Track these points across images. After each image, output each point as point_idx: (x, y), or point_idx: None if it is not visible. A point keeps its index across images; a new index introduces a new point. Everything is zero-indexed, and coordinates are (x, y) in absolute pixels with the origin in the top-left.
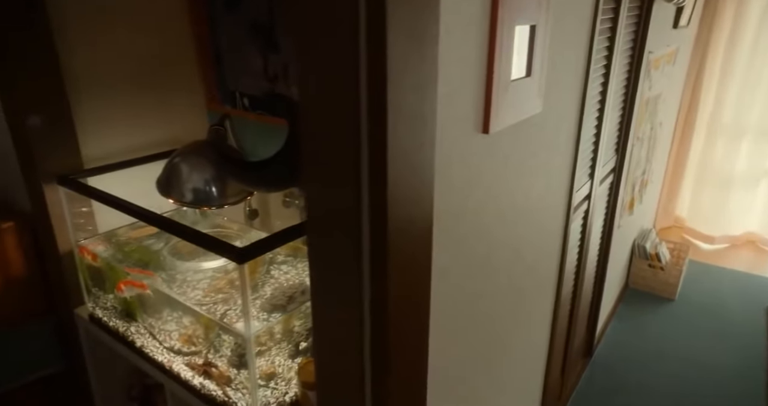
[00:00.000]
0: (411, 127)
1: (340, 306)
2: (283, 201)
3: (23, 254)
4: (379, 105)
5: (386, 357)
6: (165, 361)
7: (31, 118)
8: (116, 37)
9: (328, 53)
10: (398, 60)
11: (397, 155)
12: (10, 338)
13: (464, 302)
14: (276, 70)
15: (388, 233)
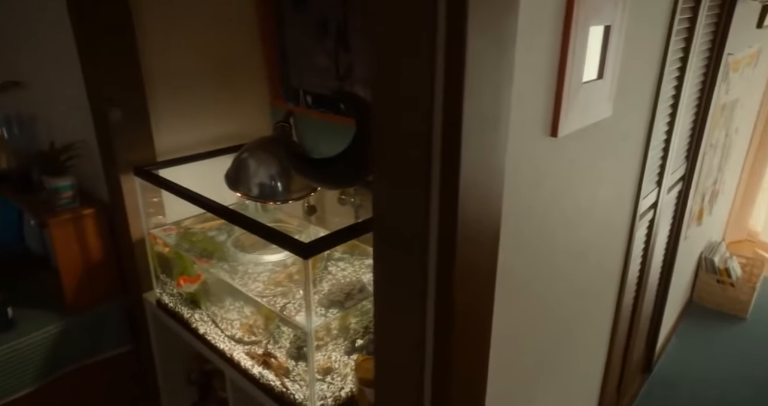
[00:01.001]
0: (485, 130)
1: (403, 306)
2: (339, 198)
3: (100, 240)
4: (455, 107)
5: (448, 359)
6: (226, 349)
7: (113, 113)
8: (190, 37)
9: (405, 53)
10: (476, 62)
11: (470, 158)
12: (87, 317)
13: (524, 306)
14: (346, 68)
15: (457, 235)
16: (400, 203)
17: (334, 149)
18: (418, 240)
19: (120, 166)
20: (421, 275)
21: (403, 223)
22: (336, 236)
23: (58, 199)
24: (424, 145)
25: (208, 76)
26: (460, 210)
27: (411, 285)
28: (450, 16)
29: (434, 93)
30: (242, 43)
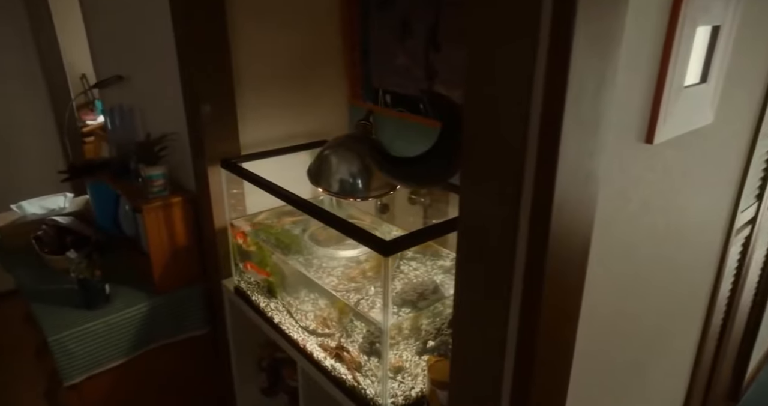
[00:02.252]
0: (583, 135)
1: (485, 312)
2: (409, 198)
3: (186, 227)
4: (554, 109)
5: (530, 369)
6: (299, 339)
7: (204, 108)
8: (276, 35)
9: (502, 51)
10: (580, 61)
11: (567, 165)
12: (171, 298)
13: (604, 321)
14: (434, 69)
15: (548, 246)
16: (488, 208)
17: (410, 149)
18: (505, 248)
19: (208, 158)
20: (506, 282)
21: (489, 229)
22: (416, 236)
23: (151, 187)
24: (518, 149)
25: (290, 74)
26: (553, 219)
27: (495, 292)
28: (556, 11)
29: (532, 94)
30: (324, 43)
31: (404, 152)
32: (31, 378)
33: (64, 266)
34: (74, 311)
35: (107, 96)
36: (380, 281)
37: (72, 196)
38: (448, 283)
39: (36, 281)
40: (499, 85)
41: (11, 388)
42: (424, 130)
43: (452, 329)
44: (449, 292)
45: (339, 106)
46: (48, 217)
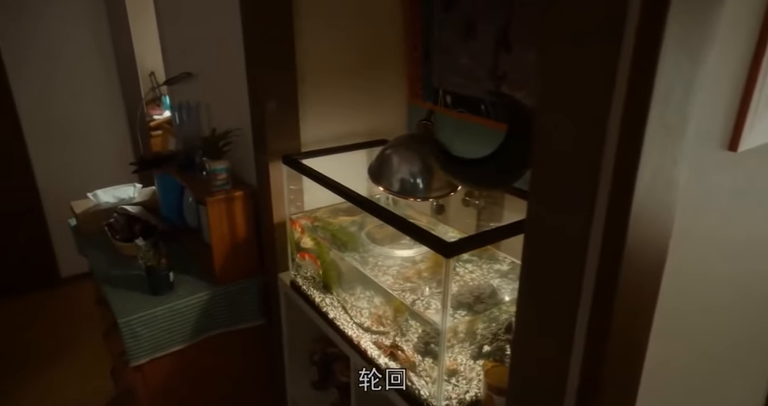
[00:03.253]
0: (667, 141)
1: (551, 323)
2: (463, 199)
3: (246, 221)
4: (637, 114)
5: (596, 381)
6: (354, 336)
7: (269, 105)
8: (338, 35)
9: (581, 52)
10: (669, 65)
11: (648, 173)
12: (230, 289)
13: (677, 335)
14: (502, 70)
15: (623, 256)
16: (558, 215)
17: (469, 150)
18: (575, 257)
19: (269, 154)
20: (574, 293)
21: (559, 237)
22: (478, 238)
23: (214, 180)
24: (594, 154)
25: (351, 73)
26: (630, 230)
27: (562, 302)
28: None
29: (613, 96)
30: (385, 42)
31: (462, 154)
32: (99, 357)
33: (133, 253)
34: (141, 296)
35: (175, 92)
36: (436, 282)
37: (140, 186)
38: (505, 287)
39: (107, 265)
40: (575, 85)
41: (80, 365)
42: (484, 131)
43: (513, 337)
44: (506, 297)
45: (398, 105)
46: (119, 206)
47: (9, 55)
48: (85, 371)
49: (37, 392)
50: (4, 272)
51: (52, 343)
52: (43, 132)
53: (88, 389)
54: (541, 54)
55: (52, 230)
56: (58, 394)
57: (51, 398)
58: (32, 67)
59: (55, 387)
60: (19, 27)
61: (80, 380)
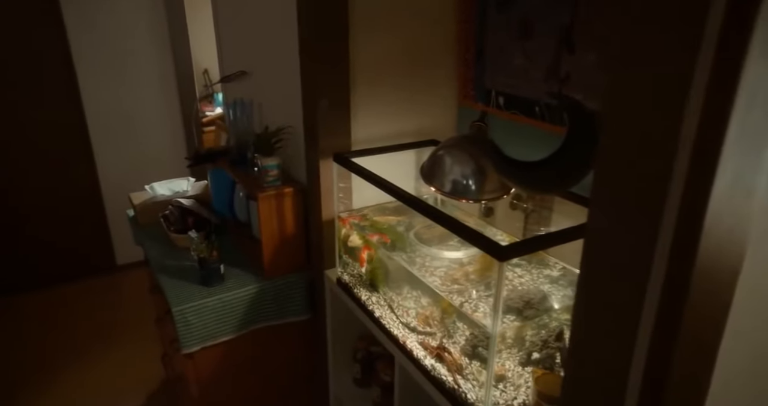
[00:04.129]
0: (749, 149)
1: (610, 335)
2: (510, 203)
3: (294, 217)
4: (717, 119)
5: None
6: (399, 335)
7: (322, 103)
8: (392, 36)
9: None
10: (756, 68)
11: (726, 181)
12: (278, 283)
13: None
14: (567, 70)
15: (692, 272)
16: (621, 222)
17: (520, 152)
18: (639, 267)
19: (320, 151)
20: (637, 305)
21: (623, 244)
22: (533, 243)
23: (266, 176)
24: (666, 160)
25: (402, 73)
26: (703, 241)
27: (622, 313)
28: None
29: (689, 99)
30: (437, 43)
31: (513, 156)
32: (151, 342)
33: (186, 245)
34: (193, 286)
35: (229, 90)
36: (484, 285)
37: (194, 180)
38: (555, 294)
39: (162, 255)
40: (648, 88)
41: (133, 349)
42: (537, 133)
43: (569, 345)
44: (556, 304)
45: (448, 106)
46: (174, 198)
47: (78, 52)
48: (138, 355)
49: (93, 373)
50: (65, 258)
51: (107, 327)
52: (105, 126)
53: (140, 372)
54: (611, 55)
55: (110, 220)
56: (112, 376)
57: (106, 380)
58: (97, 63)
59: (109, 369)
60: (86, 22)
61: (133, 363)
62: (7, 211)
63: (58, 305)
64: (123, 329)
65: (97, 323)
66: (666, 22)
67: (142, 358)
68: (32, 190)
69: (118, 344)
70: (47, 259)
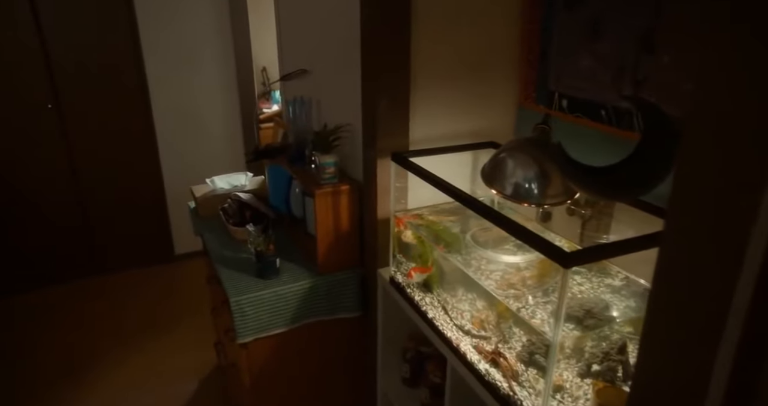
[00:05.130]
0: None
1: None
2: (568, 208)
3: (349, 215)
4: None
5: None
6: (453, 338)
7: (381, 103)
8: (454, 36)
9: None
10: None
11: None
12: (331, 279)
13: None
14: (644, 73)
15: None
16: (703, 234)
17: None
18: (724, 284)
19: (379, 150)
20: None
21: (703, 259)
22: (600, 250)
23: (323, 173)
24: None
25: (461, 74)
26: None
27: (702, 332)
28: None
29: None
30: (499, 44)
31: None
32: (204, 329)
33: (244, 237)
34: (249, 278)
35: (288, 87)
36: (542, 292)
37: (251, 175)
38: (617, 304)
39: (220, 247)
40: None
41: (187, 335)
42: (602, 138)
43: (638, 362)
44: (618, 315)
45: (506, 108)
46: (232, 192)
47: (148, 49)
48: (192, 342)
49: (149, 357)
50: (127, 246)
51: (164, 313)
52: (170, 121)
53: (194, 357)
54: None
55: (170, 211)
56: (168, 360)
57: (161, 364)
58: (165, 61)
59: (165, 353)
60: (157, 20)
61: (187, 348)
62: (79, 199)
63: (120, 290)
64: (179, 316)
65: (155, 309)
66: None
67: (196, 344)
68: (101, 181)
69: (174, 330)
70: (112, 246)
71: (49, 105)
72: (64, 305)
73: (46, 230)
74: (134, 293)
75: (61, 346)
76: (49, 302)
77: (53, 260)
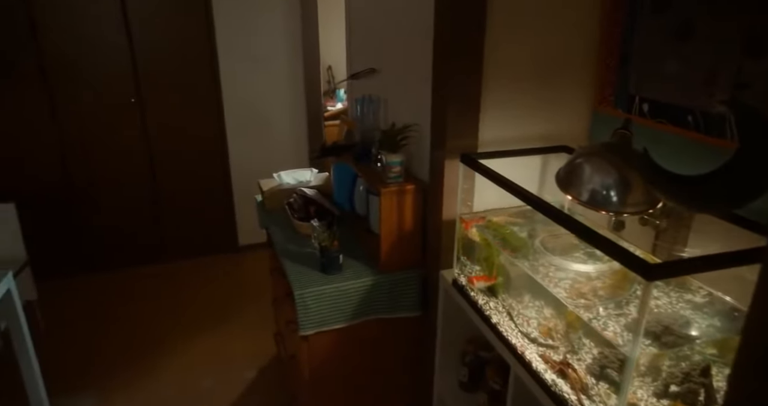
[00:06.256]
0: None
1: None
2: (641, 218)
3: (413, 214)
4: None
5: None
6: (518, 344)
7: (452, 107)
8: (528, 38)
9: None
10: None
11: None
12: (392, 278)
13: None
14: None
15: None
16: None
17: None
18: None
19: (447, 151)
20: None
21: None
22: (689, 264)
23: (389, 172)
24: None
25: (534, 76)
26: None
27: None
28: None
29: None
30: (575, 47)
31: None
32: (264, 319)
33: (307, 232)
34: (313, 272)
35: (355, 86)
36: (614, 304)
37: (316, 171)
38: (698, 322)
39: (285, 240)
40: None
41: (248, 325)
42: (687, 144)
43: (729, 387)
44: (700, 334)
45: (579, 112)
46: (298, 187)
47: (222, 46)
48: (252, 330)
49: (210, 342)
50: (195, 236)
51: (225, 301)
52: (239, 117)
53: (253, 346)
54: None
55: (236, 204)
56: (228, 346)
57: (222, 350)
58: (237, 58)
59: (225, 340)
60: (232, 18)
61: (247, 336)
62: (154, 189)
63: (186, 276)
64: (240, 305)
65: (218, 297)
66: None
67: (256, 333)
68: (174, 173)
69: (235, 318)
70: (181, 234)
71: (132, 99)
72: (134, 287)
73: (123, 216)
74: (199, 280)
75: (128, 326)
76: (121, 284)
77: (128, 244)
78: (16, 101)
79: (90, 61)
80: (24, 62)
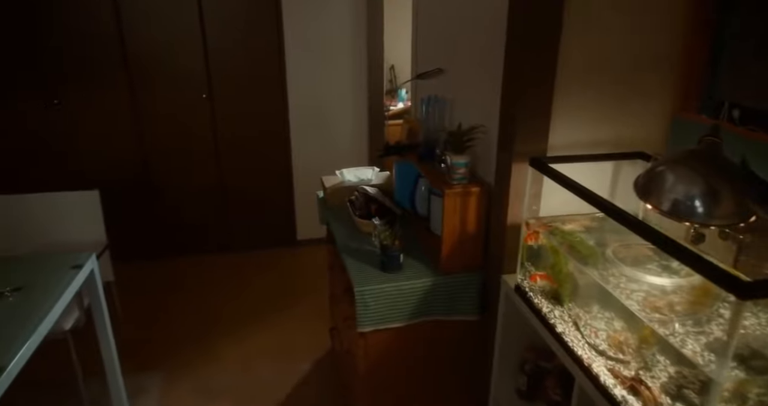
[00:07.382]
0: None
1: None
2: (721, 231)
3: (477, 217)
4: None
5: None
6: (584, 356)
7: (522, 107)
8: (606, 39)
9: None
10: None
11: None
12: (452, 280)
13: None
14: None
15: None
16: None
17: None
18: None
19: (515, 154)
20: None
21: None
22: None
23: (454, 173)
24: None
25: (610, 78)
26: None
27: None
28: None
29: None
30: (658, 48)
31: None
32: (321, 314)
33: (368, 230)
34: (373, 270)
35: (420, 86)
36: (692, 320)
37: (378, 170)
38: None
39: (345, 237)
40: None
41: (304, 318)
42: None
43: None
44: None
45: (657, 117)
46: (359, 185)
47: (289, 44)
48: (309, 323)
49: (268, 333)
50: (257, 230)
51: (283, 294)
52: (302, 115)
53: (309, 340)
54: None
55: (296, 199)
56: (285, 338)
57: (279, 341)
58: (303, 56)
59: (282, 332)
60: (300, 16)
61: (303, 329)
62: (220, 182)
63: (247, 268)
64: (297, 298)
65: (276, 289)
66: None
67: (313, 326)
68: (239, 169)
69: (292, 311)
70: (243, 226)
71: (204, 95)
72: (198, 276)
73: (190, 208)
74: (259, 272)
75: (194, 311)
76: (185, 272)
77: (193, 235)
78: (105, 101)
79: (168, 62)
80: (112, 67)
